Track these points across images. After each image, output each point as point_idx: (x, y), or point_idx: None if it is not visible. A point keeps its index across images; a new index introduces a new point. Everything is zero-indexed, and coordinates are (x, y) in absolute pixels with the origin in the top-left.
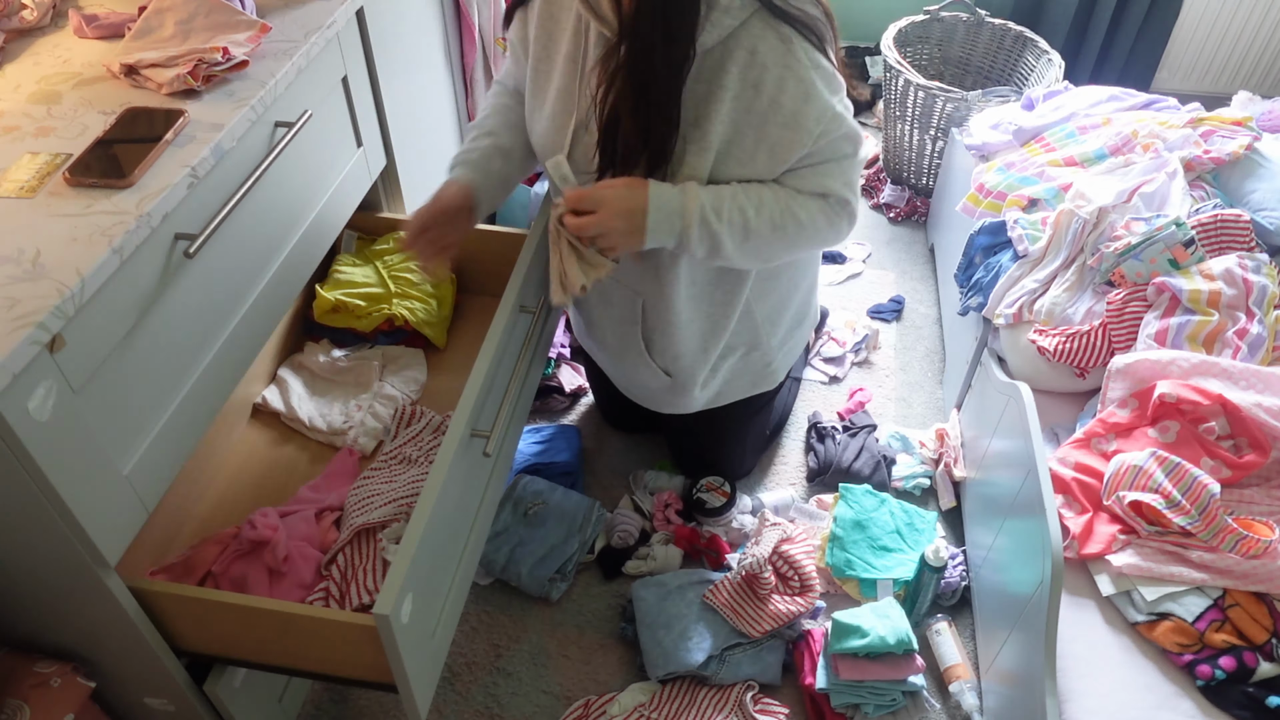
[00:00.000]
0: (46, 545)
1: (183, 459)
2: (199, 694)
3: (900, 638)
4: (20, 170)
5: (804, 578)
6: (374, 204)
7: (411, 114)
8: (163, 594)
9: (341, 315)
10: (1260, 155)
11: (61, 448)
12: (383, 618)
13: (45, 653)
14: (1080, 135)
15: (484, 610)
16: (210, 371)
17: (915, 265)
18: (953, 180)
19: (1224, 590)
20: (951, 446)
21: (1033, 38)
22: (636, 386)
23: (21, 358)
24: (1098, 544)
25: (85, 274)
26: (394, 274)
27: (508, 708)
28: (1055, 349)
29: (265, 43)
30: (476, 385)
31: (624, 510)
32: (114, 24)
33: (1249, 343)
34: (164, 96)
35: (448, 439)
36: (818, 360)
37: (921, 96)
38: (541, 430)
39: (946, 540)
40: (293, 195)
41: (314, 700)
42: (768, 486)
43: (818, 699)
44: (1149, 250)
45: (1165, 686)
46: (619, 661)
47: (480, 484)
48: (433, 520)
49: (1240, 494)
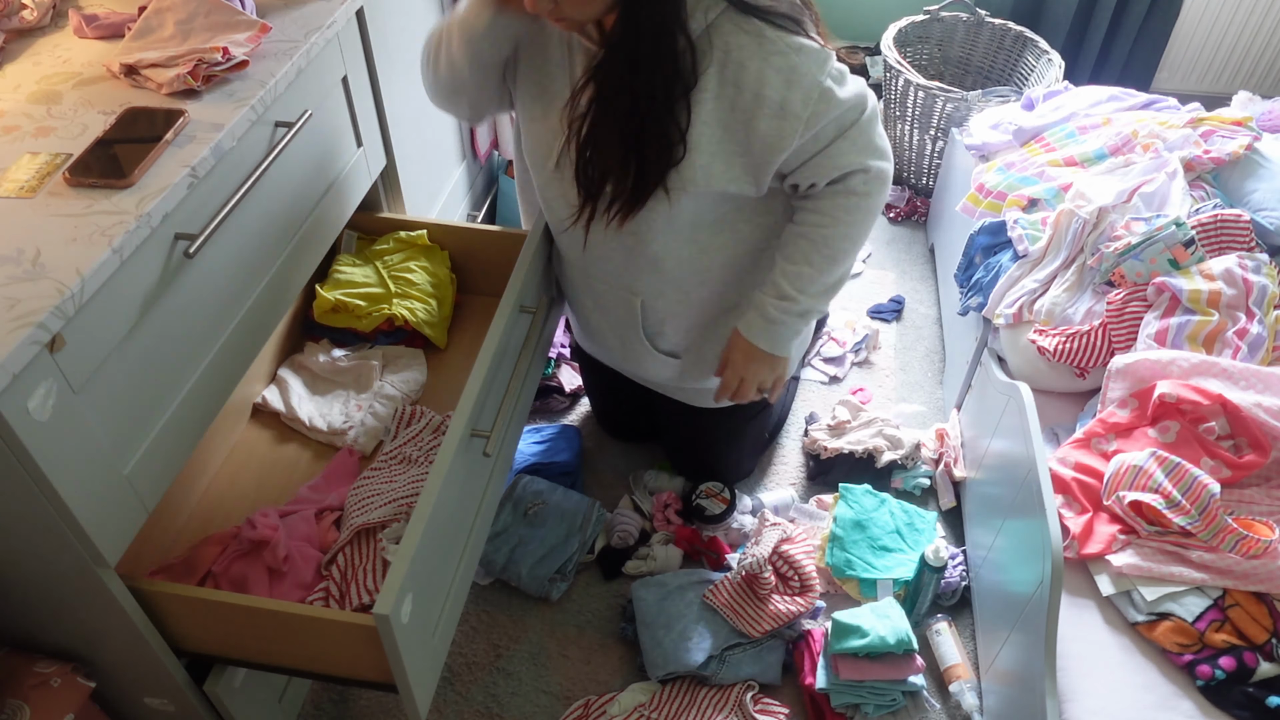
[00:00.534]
0: (46, 545)
1: (183, 459)
2: (199, 694)
3: (900, 638)
4: (20, 170)
5: (804, 578)
6: (374, 204)
7: (411, 114)
8: (163, 594)
9: (341, 315)
10: (1260, 155)
11: (61, 448)
12: (383, 618)
13: (45, 653)
14: (1080, 135)
15: (484, 610)
16: (210, 371)
17: (915, 265)
18: (953, 180)
19: (1224, 590)
20: (951, 446)
21: (1033, 38)
22: (648, 378)
23: (21, 358)
24: (1098, 544)
25: (85, 274)
26: (394, 274)
27: (508, 708)
28: (1055, 349)
29: (265, 43)
30: (476, 385)
31: (624, 510)
32: (114, 24)
33: (1249, 343)
34: (164, 96)
35: (448, 439)
36: (818, 360)
37: (921, 96)
38: (541, 430)
39: (946, 540)
40: (293, 195)
41: (314, 700)
42: (768, 486)
43: (818, 699)
44: (1149, 250)
45: (1165, 686)
46: (619, 661)
47: (480, 484)
48: (433, 520)
49: (1240, 494)
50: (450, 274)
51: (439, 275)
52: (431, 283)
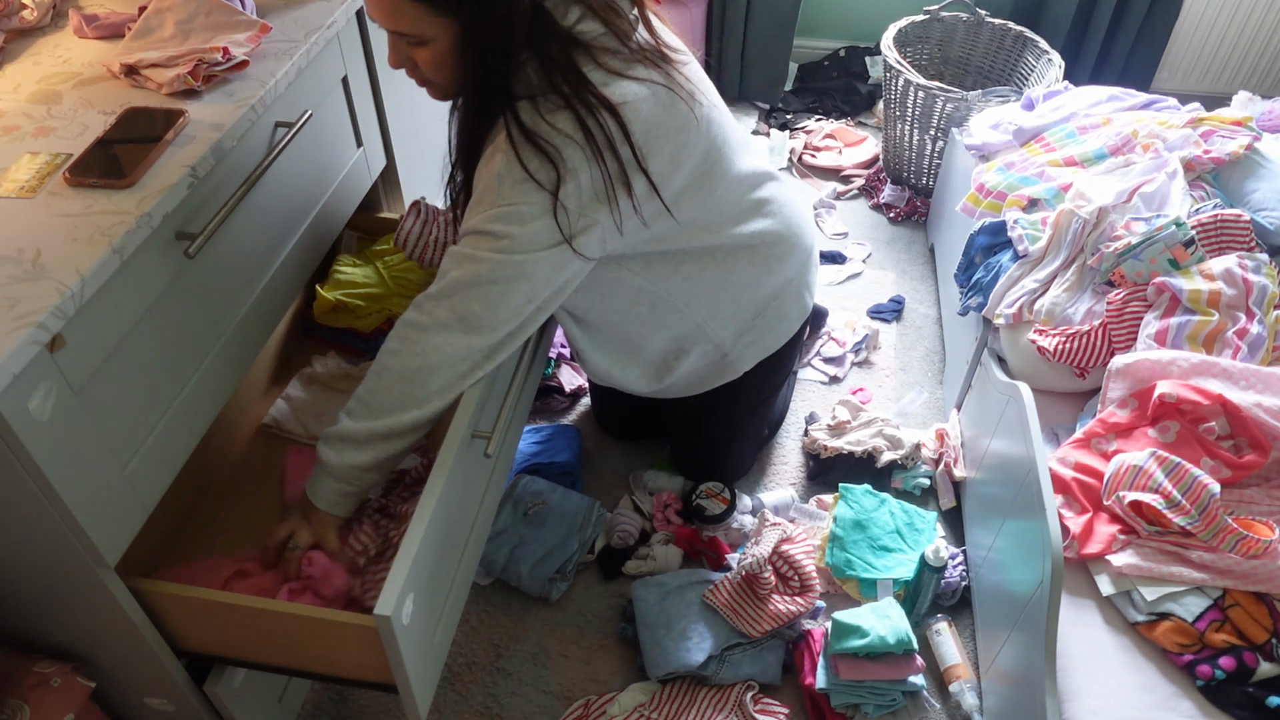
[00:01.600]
0: (46, 545)
1: (183, 459)
2: (199, 694)
3: (900, 638)
4: (20, 170)
5: (804, 578)
6: (374, 204)
7: (411, 114)
8: (163, 594)
9: (342, 315)
10: (1260, 155)
11: (61, 448)
12: (383, 619)
13: (45, 653)
14: (1080, 135)
15: (484, 610)
16: (210, 371)
17: (915, 265)
18: (953, 180)
19: (1224, 590)
20: (951, 446)
21: (1033, 38)
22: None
23: (21, 358)
24: (1098, 544)
25: (85, 274)
26: (394, 274)
27: (508, 708)
28: (1055, 349)
29: (265, 43)
30: (477, 386)
31: (624, 510)
32: (114, 24)
33: (1249, 343)
34: (164, 96)
35: (448, 440)
36: (817, 360)
37: (921, 96)
38: (541, 430)
39: (946, 540)
40: (293, 195)
41: (314, 700)
42: (768, 486)
43: (818, 699)
44: (1149, 250)
45: (1165, 686)
46: (619, 661)
47: (480, 484)
48: (433, 521)
49: (1240, 494)
50: None
51: None
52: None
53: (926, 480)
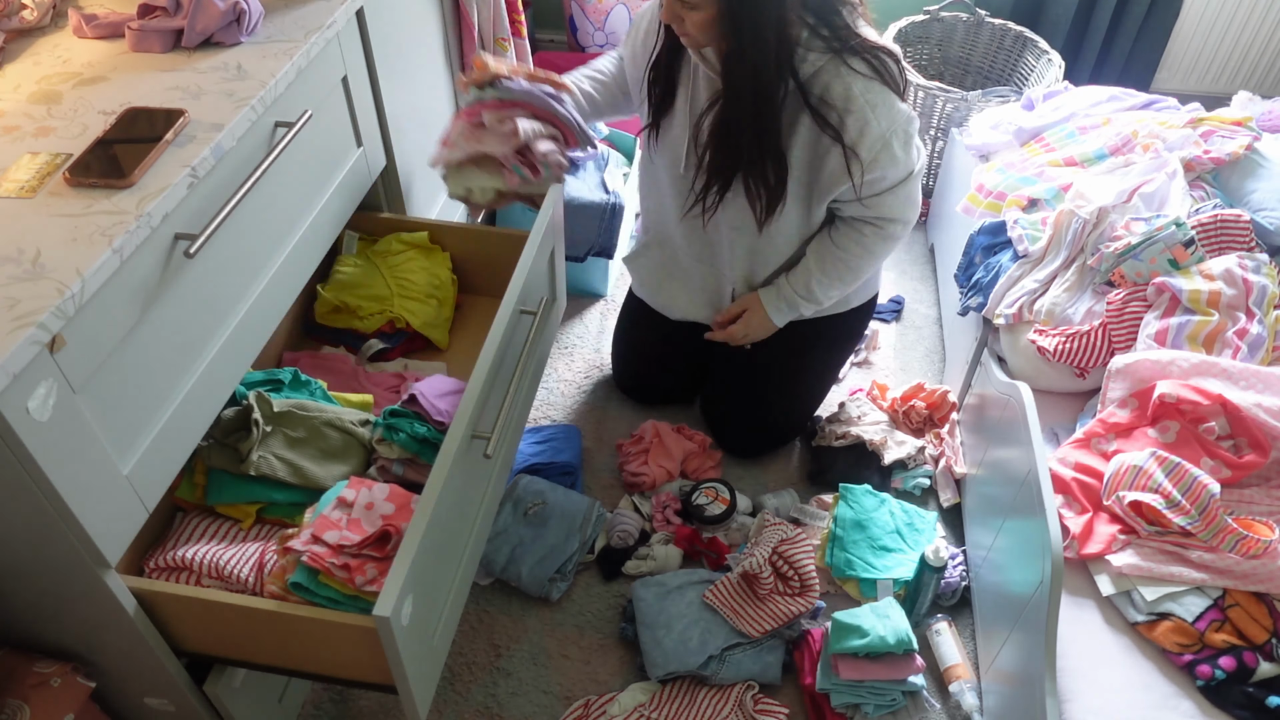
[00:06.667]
0: (46, 545)
1: (183, 459)
2: (199, 694)
3: (900, 638)
4: (20, 170)
5: (804, 578)
6: (374, 204)
7: (411, 114)
8: (163, 594)
9: (343, 316)
10: (1260, 155)
11: (61, 448)
12: (383, 619)
13: (45, 653)
14: (1080, 135)
15: (484, 610)
16: (210, 371)
17: (915, 265)
18: (953, 180)
19: (1224, 590)
20: (952, 446)
21: (1033, 38)
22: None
23: (21, 358)
24: (1098, 544)
25: (85, 274)
26: (395, 275)
27: (508, 708)
28: (1055, 349)
29: (266, 42)
30: (477, 387)
31: (624, 510)
32: (114, 24)
33: (1249, 343)
34: (162, 94)
35: (448, 440)
36: None
37: (921, 96)
38: (541, 430)
39: (946, 540)
40: (293, 195)
41: (314, 700)
42: (768, 486)
43: (818, 699)
44: (1149, 250)
45: (1165, 686)
46: (619, 661)
47: (480, 485)
48: (433, 521)
49: (1240, 494)
50: (451, 275)
51: (440, 276)
52: (432, 283)
53: (927, 480)
